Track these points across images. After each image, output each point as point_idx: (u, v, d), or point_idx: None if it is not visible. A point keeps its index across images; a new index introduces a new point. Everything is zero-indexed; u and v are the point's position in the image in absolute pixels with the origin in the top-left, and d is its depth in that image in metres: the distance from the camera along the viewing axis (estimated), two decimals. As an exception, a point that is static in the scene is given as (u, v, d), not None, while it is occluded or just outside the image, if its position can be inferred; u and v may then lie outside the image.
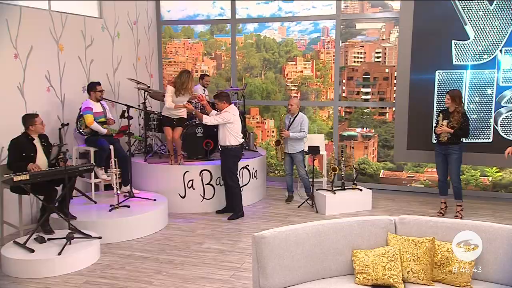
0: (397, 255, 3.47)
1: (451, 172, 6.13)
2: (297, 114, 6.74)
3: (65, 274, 4.61)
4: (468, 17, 6.52)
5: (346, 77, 7.81)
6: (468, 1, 6.49)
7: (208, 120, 6.16)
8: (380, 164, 7.79)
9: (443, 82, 6.71)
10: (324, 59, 8.00)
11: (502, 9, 6.39)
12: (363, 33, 7.72)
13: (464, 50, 6.59)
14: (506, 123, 6.52)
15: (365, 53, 7.69)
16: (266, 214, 6.46)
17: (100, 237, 5.12)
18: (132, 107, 6.14)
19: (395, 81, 7.36)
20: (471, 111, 6.62)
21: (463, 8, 6.52)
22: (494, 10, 6.44)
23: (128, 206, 5.83)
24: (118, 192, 5.97)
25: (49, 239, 4.96)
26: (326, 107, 8.05)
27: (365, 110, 7.80)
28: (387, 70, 7.59)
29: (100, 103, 6.30)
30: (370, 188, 6.88)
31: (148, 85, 7.64)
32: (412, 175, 7.60)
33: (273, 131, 8.33)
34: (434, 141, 6.46)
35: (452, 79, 6.68)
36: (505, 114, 6.53)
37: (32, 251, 4.71)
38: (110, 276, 4.59)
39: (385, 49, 7.61)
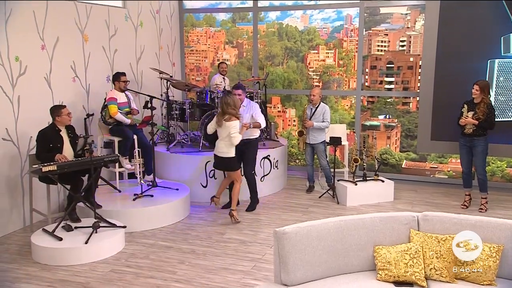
0: (419, 252, 3.45)
1: (477, 164, 6.03)
2: (319, 104, 6.70)
3: (91, 262, 4.75)
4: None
5: (369, 66, 7.69)
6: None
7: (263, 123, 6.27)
8: (402, 154, 7.70)
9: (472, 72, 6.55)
10: (347, 47, 7.89)
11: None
12: (387, 21, 7.56)
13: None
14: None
15: (389, 41, 7.55)
16: (286, 205, 6.49)
17: (125, 227, 5.24)
18: (155, 97, 6.20)
19: (419, 70, 7.22)
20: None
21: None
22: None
23: (152, 196, 5.93)
24: (142, 182, 6.07)
25: (76, 228, 5.11)
26: (348, 96, 7.97)
27: (388, 100, 7.69)
28: (411, 59, 7.44)
29: (125, 93, 6.38)
30: (392, 179, 6.83)
31: (171, 74, 7.68)
32: (436, 166, 7.50)
33: (294, 120, 8.30)
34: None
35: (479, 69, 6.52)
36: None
37: (60, 239, 4.85)
38: (134, 265, 4.71)
39: (410, 37, 7.45)
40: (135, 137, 6.25)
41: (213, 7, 8.69)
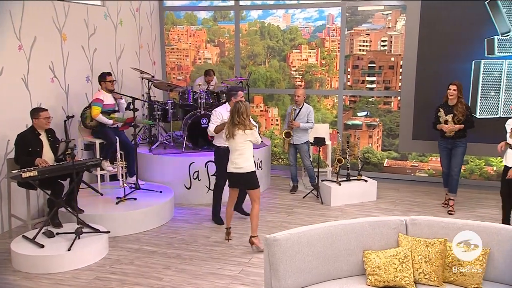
0: (408, 257, 3.49)
1: (454, 164, 6.02)
2: (303, 105, 6.71)
3: (75, 269, 4.64)
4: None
5: (352, 65, 7.73)
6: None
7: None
8: (384, 153, 7.79)
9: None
10: (329, 47, 7.90)
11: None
12: (368, 21, 7.61)
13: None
14: None
15: (370, 41, 7.60)
16: (271, 205, 6.48)
17: (108, 232, 5.14)
18: (138, 99, 6.09)
19: (401, 70, 7.30)
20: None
21: None
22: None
23: (135, 199, 5.84)
24: (125, 185, 5.96)
25: (57, 234, 4.98)
26: (331, 95, 8.00)
27: (370, 99, 7.76)
28: (392, 59, 7.51)
29: (112, 94, 6.25)
30: (374, 178, 6.91)
31: (151, 73, 7.56)
32: (416, 165, 7.61)
33: (277, 120, 8.29)
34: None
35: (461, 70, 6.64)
36: None
37: (42, 246, 4.72)
38: (119, 271, 4.63)
39: (391, 37, 7.52)
40: (117, 138, 6.13)
41: (194, 5, 8.57)
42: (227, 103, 5.55)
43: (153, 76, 7.40)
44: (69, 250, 4.66)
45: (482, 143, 6.25)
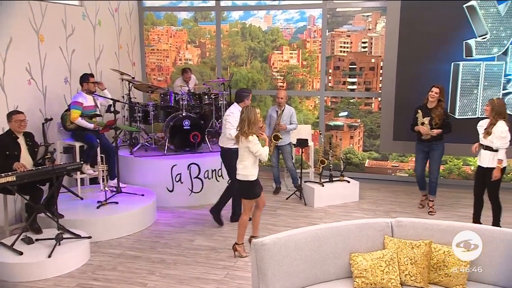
0: (394, 259, 3.53)
1: (432, 168, 6.03)
2: (285, 107, 6.71)
3: (56, 276, 4.53)
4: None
5: (333, 67, 7.78)
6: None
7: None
8: (365, 153, 7.86)
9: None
10: (311, 48, 7.93)
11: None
12: (349, 22, 7.67)
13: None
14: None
15: (351, 42, 7.66)
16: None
17: (90, 237, 5.03)
18: (119, 101, 5.99)
19: (381, 71, 7.38)
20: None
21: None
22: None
23: (116, 202, 5.74)
24: (106, 189, 5.86)
25: (37, 240, 4.85)
26: (312, 97, 8.03)
27: (351, 100, 7.82)
28: (373, 60, 7.59)
29: (93, 96, 6.12)
30: (355, 178, 6.96)
31: (131, 74, 7.44)
32: (397, 165, 7.71)
33: (259, 121, 8.27)
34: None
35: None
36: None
37: (21, 253, 4.59)
38: (102, 278, 4.54)
39: (372, 39, 7.60)
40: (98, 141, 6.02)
41: (174, 5, 8.48)
42: (235, 103, 5.51)
43: (133, 78, 7.29)
44: (49, 256, 4.54)
45: (461, 143, 6.35)
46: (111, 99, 5.89)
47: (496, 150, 5.12)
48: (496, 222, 5.32)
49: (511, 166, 7.26)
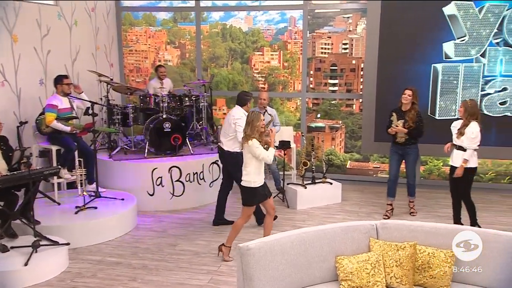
0: (380, 261, 3.52)
1: (408, 172, 6.00)
2: (266, 108, 6.67)
3: (33, 285, 4.38)
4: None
5: (314, 68, 7.78)
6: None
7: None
8: (347, 155, 7.89)
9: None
10: (292, 49, 7.92)
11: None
12: (330, 24, 7.68)
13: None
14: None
15: (332, 44, 7.68)
16: (237, 211, 6.34)
17: (68, 243, 4.88)
18: (97, 103, 5.85)
19: (362, 72, 7.41)
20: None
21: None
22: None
23: (95, 207, 5.60)
24: (85, 193, 5.70)
25: (12, 247, 4.67)
26: (294, 98, 8.02)
27: (332, 102, 7.84)
28: (354, 62, 7.62)
29: (69, 98, 5.95)
30: (337, 179, 6.97)
31: (110, 77, 7.29)
32: (378, 166, 7.75)
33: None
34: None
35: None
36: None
37: (-5, 262, 4.43)
38: (82, 285, 4.41)
39: (352, 40, 7.63)
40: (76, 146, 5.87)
41: (153, 5, 8.35)
42: (239, 107, 5.42)
43: (111, 79, 7.14)
44: (26, 265, 4.39)
45: (441, 144, 6.41)
46: (89, 101, 5.74)
47: None
48: (473, 222, 5.39)
49: (489, 166, 7.40)
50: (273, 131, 4.79)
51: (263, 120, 4.68)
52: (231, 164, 5.40)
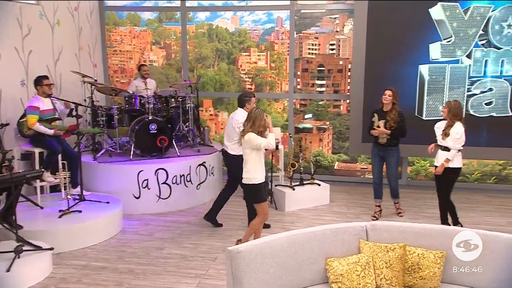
0: (370, 263, 3.50)
1: (390, 174, 5.98)
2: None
3: (15, 292, 4.26)
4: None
5: (301, 69, 7.76)
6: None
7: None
8: (335, 156, 7.88)
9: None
10: (279, 50, 7.88)
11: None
12: (317, 24, 7.67)
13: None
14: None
15: (319, 44, 7.66)
16: (225, 213, 6.29)
17: (52, 248, 4.76)
18: (81, 105, 5.73)
19: (349, 73, 7.41)
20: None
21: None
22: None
23: (80, 211, 5.47)
24: (69, 197, 5.58)
25: (-7, 254, 4.55)
26: (281, 99, 7.99)
27: (320, 102, 7.82)
28: (341, 62, 7.61)
29: (51, 99, 5.81)
30: (325, 180, 6.95)
31: (94, 78, 7.16)
32: (366, 167, 7.75)
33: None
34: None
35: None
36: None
37: (-24, 268, 4.29)
38: (66, 291, 4.30)
39: (339, 41, 7.62)
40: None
41: (138, 5, 8.24)
42: (240, 108, 5.35)
43: (96, 80, 7.02)
44: (8, 271, 4.26)
45: (428, 144, 6.45)
46: (73, 102, 5.62)
47: None
48: (455, 221, 5.42)
49: (475, 167, 7.46)
50: (269, 117, 4.70)
51: (267, 118, 4.62)
52: (236, 167, 5.30)
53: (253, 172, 4.61)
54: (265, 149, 4.79)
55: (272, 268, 3.35)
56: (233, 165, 5.42)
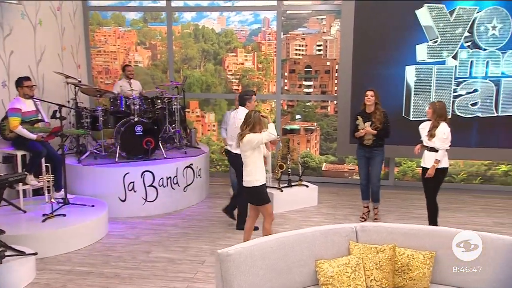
0: (360, 264, 3.48)
1: (373, 174, 5.93)
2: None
3: (-3, 299, 4.15)
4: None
5: (288, 70, 7.74)
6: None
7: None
8: (322, 157, 7.87)
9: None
10: (266, 51, 7.85)
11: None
12: (304, 25, 7.66)
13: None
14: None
15: (306, 45, 7.65)
16: (212, 215, 6.27)
17: (35, 253, 4.64)
18: (65, 106, 5.61)
19: (336, 74, 7.41)
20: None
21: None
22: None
23: (64, 215, 5.36)
24: (52, 200, 5.45)
25: (-26, 260, 4.41)
26: (268, 100, 7.95)
27: (307, 104, 7.81)
28: (328, 63, 7.61)
29: (33, 100, 5.68)
30: (313, 182, 6.94)
31: (78, 79, 7.03)
32: (353, 168, 7.75)
33: (214, 125, 8.09)
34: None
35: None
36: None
37: (-44, 275, 4.16)
38: (50, 297, 4.20)
39: (326, 42, 7.62)
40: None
41: (122, 5, 8.13)
42: (242, 107, 5.28)
43: (79, 81, 6.89)
44: (-11, 278, 4.15)
45: (414, 145, 6.48)
46: (57, 104, 5.50)
47: None
48: (432, 223, 5.43)
49: (461, 167, 7.52)
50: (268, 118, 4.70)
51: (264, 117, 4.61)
52: (240, 165, 5.19)
53: (254, 174, 4.58)
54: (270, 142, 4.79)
55: (262, 270, 3.31)
56: (238, 163, 5.36)
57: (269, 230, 4.72)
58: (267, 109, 7.99)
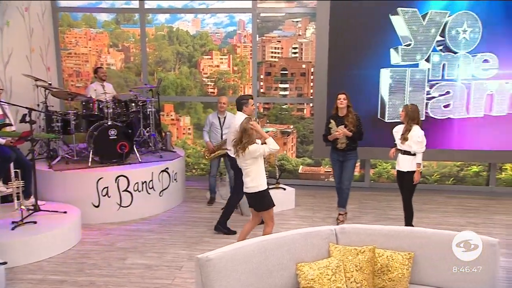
0: (340, 266, 3.47)
1: (345, 177, 5.87)
2: (226, 113, 6.55)
3: (-36, 312, 3.95)
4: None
5: (264, 72, 7.72)
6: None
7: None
8: (299, 160, 7.87)
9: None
10: (241, 53, 7.80)
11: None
12: (279, 28, 7.65)
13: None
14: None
15: (282, 48, 7.65)
16: (189, 220, 6.17)
17: (5, 263, 4.44)
18: (34, 109, 5.42)
19: (312, 77, 7.43)
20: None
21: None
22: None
23: (35, 222, 5.17)
24: (22, 207, 5.25)
25: None
26: (244, 103, 7.89)
27: (283, 106, 7.80)
28: (304, 66, 7.63)
29: (0, 104, 5.46)
30: (290, 184, 6.93)
31: (49, 81, 6.81)
32: (329, 170, 7.77)
33: (189, 129, 7.98)
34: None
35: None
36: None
37: None
38: (21, 308, 4.03)
39: (302, 44, 7.64)
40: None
41: (93, 6, 7.94)
42: (240, 112, 5.19)
43: (50, 84, 6.68)
44: (-45, 290, 3.96)
45: (389, 147, 6.56)
46: (26, 107, 5.31)
47: (414, 154, 5.31)
48: (409, 224, 5.48)
49: (434, 168, 7.64)
50: (255, 124, 4.56)
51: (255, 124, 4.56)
52: (241, 170, 5.18)
53: (258, 180, 4.58)
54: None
55: (244, 275, 3.26)
56: (237, 166, 5.28)
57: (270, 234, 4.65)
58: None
